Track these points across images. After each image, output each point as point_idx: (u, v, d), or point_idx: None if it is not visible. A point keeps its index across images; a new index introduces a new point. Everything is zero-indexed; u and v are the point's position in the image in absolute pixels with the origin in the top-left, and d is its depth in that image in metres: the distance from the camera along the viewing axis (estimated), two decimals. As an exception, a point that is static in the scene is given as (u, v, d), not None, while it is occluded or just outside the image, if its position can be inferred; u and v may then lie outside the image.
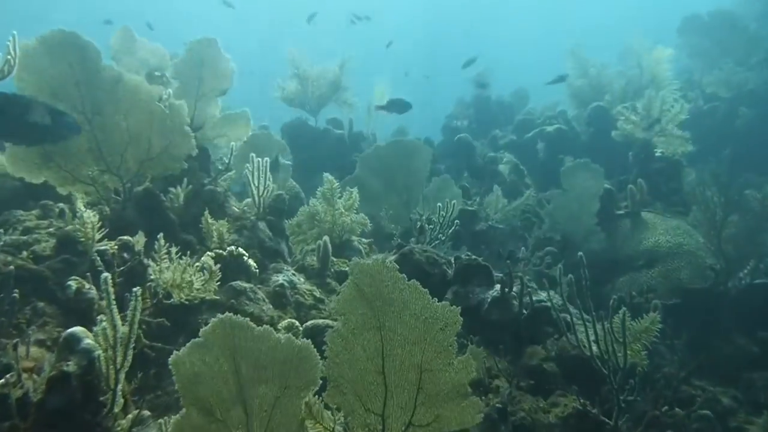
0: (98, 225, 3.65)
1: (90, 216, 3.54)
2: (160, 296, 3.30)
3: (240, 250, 4.59)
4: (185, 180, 4.88)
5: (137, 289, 2.51)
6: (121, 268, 3.38)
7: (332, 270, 5.43)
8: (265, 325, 2.63)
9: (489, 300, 4.59)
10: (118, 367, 2.43)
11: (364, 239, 6.38)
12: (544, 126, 11.66)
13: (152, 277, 3.28)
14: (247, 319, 2.62)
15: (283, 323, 4.44)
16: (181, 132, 4.87)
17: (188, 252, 4.70)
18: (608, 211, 8.08)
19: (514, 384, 4.16)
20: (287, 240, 5.52)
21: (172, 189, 4.80)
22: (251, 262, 4.62)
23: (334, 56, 10.67)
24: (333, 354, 2.59)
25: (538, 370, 4.43)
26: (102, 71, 4.65)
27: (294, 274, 5.00)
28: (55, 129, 4.32)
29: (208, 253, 4.48)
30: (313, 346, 2.63)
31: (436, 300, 2.65)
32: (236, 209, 5.21)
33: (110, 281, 2.46)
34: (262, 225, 5.15)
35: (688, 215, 7.88)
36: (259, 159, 5.14)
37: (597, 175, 7.86)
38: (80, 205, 3.67)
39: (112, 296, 2.45)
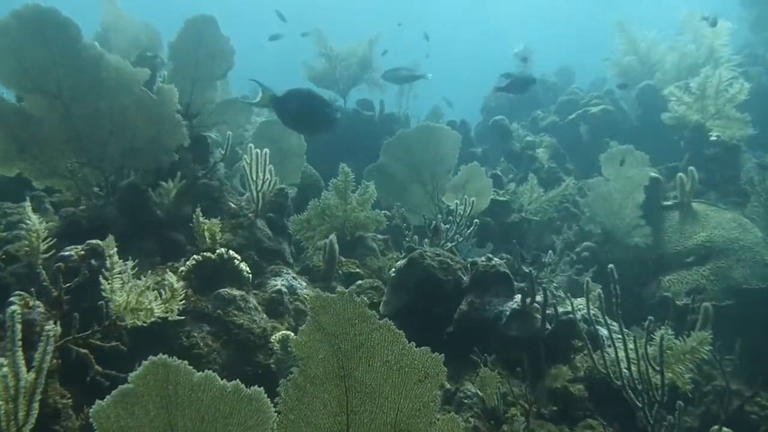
0: (44, 235, 3.21)
1: (35, 223, 3.11)
2: (113, 318, 2.85)
3: (231, 252, 4.13)
4: (179, 174, 4.42)
5: (50, 329, 2.05)
6: (68, 285, 2.93)
7: (340, 272, 4.95)
8: (207, 371, 2.16)
9: (508, 312, 4.03)
10: (20, 424, 1.99)
11: (379, 235, 5.87)
12: (589, 107, 10.87)
13: (104, 295, 2.83)
14: (185, 362, 2.14)
15: (277, 336, 3.98)
16: (170, 120, 4.41)
17: (176, 253, 4.33)
18: (654, 202, 7.38)
19: (532, 412, 3.62)
20: (290, 239, 5.05)
21: (163, 183, 4.35)
22: (243, 266, 4.16)
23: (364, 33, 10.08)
24: (287, 408, 2.09)
25: (562, 393, 3.88)
26: (83, 51, 4.21)
27: (294, 278, 4.52)
28: (331, 118, 4.46)
29: (194, 256, 4.04)
30: (266, 395, 2.15)
31: (414, 345, 2.12)
32: (233, 205, 4.75)
33: (18, 316, 2.01)
34: (260, 223, 4.68)
35: (746, 207, 7.14)
36: (257, 150, 4.65)
37: (642, 163, 7.15)
38: (29, 210, 3.24)
39: (18, 335, 2.00)
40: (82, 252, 3.51)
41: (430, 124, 6.82)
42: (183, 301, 3.11)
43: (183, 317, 3.15)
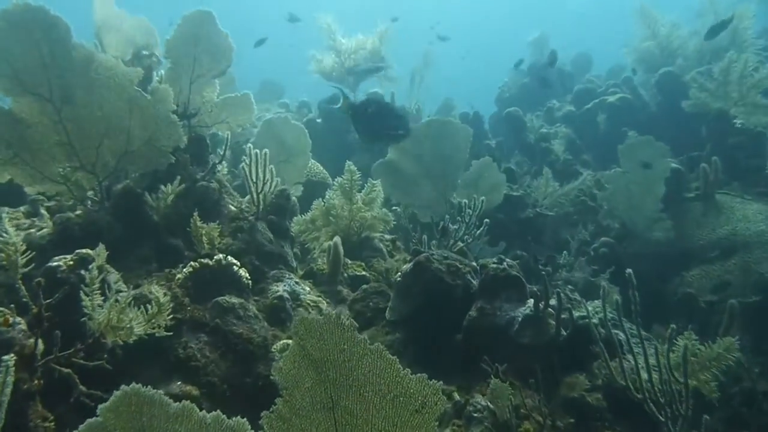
0: (23, 248, 3.05)
1: (12, 236, 2.94)
2: (97, 336, 2.69)
3: (229, 258, 3.96)
4: (178, 178, 4.25)
5: (8, 358, 1.88)
6: (48, 301, 2.77)
7: (345, 275, 4.76)
8: (185, 402, 1.98)
9: (520, 319, 3.81)
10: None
11: (387, 235, 5.67)
12: (606, 96, 10.55)
13: (86, 311, 2.66)
14: (160, 392, 1.97)
15: (278, 345, 3.81)
16: (166, 121, 4.24)
17: (174, 259, 4.17)
18: (676, 195, 7.10)
19: (547, 426, 3.42)
20: (292, 242, 4.87)
21: (162, 187, 4.19)
22: (243, 272, 3.99)
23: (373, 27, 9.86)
24: (271, 443, 1.91)
25: (579, 404, 3.66)
26: (73, 51, 4.04)
27: (297, 283, 4.35)
28: (403, 126, 4.50)
29: (191, 263, 3.87)
30: (249, 426, 1.97)
31: (409, 374, 1.92)
32: (233, 207, 4.58)
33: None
34: (261, 226, 4.50)
35: (772, 197, 6.85)
36: (257, 150, 4.46)
37: (662, 154, 6.86)
38: (5, 223, 3.08)
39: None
40: (71, 262, 3.35)
41: (440, 118, 6.59)
42: (171, 316, 2.93)
43: (170, 333, 2.96)
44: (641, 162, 6.70)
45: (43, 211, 4.29)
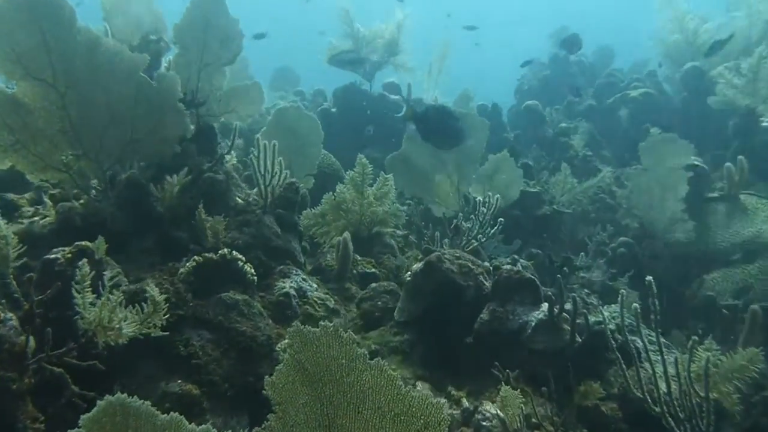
0: (15, 241, 2.93)
1: (3, 229, 2.83)
2: (90, 335, 2.57)
3: (234, 253, 3.84)
4: (185, 169, 4.13)
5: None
6: (40, 297, 2.66)
7: (354, 272, 4.63)
8: (173, 413, 1.85)
9: (533, 323, 3.66)
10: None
11: (399, 231, 5.52)
12: (629, 90, 10.29)
13: (78, 309, 2.55)
14: (147, 403, 1.84)
15: (283, 344, 3.68)
16: (172, 109, 4.12)
17: (178, 252, 4.05)
18: (699, 195, 6.89)
19: (559, 436, 3.27)
20: (300, 237, 4.73)
21: (168, 177, 4.07)
22: (248, 267, 3.86)
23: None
24: (262, 461, 1.79)
25: (593, 413, 3.51)
26: (77, 35, 3.92)
27: (304, 279, 4.22)
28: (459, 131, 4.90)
29: (195, 257, 3.75)
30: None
31: (411, 391, 1.77)
32: (240, 200, 4.45)
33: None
34: (269, 220, 4.37)
35: (801, 199, 6.63)
36: (266, 141, 4.33)
37: (685, 152, 6.64)
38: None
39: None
40: (69, 255, 3.24)
41: (455, 110, 6.39)
42: (172, 312, 2.81)
43: (167, 333, 2.83)
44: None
45: (46, 199, 4.18)
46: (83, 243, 3.33)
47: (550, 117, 10.28)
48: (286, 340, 1.81)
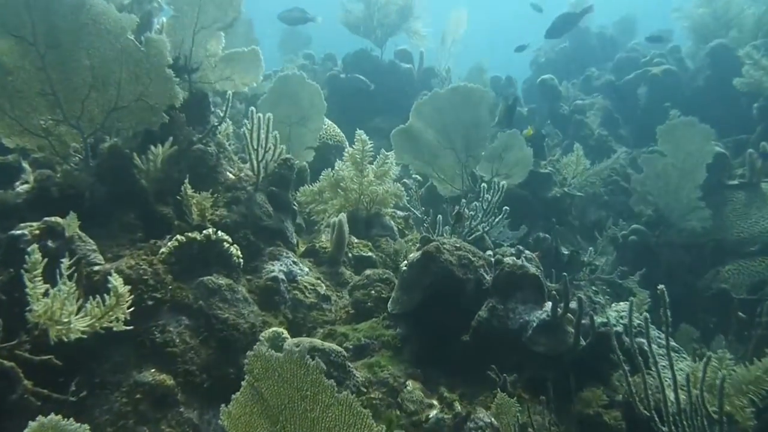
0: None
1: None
2: (40, 329, 2.35)
3: (220, 233, 3.60)
4: (170, 139, 3.87)
5: None
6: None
7: (350, 255, 4.39)
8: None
9: (535, 323, 3.42)
10: None
11: (399, 212, 5.26)
12: (650, 66, 9.87)
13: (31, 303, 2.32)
14: (85, 426, 1.62)
15: (267, 333, 3.49)
16: (160, 75, 3.83)
17: (162, 228, 3.82)
18: (717, 181, 6.59)
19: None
20: (294, 216, 4.48)
21: (151, 147, 3.81)
22: (234, 249, 3.63)
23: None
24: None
25: (594, 422, 3.29)
26: (61, -8, 3.64)
27: (295, 263, 3.99)
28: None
29: (177, 237, 3.52)
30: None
31: (384, 428, 1.54)
32: (231, 175, 4.19)
33: None
34: (260, 198, 4.11)
35: (825, 188, 6.38)
36: (260, 114, 4.05)
37: (705, 137, 6.32)
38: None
39: None
40: (37, 231, 3.02)
41: (466, 84, 6.08)
42: (132, 308, 2.58)
43: (130, 327, 2.61)
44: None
45: (25, 164, 3.94)
46: (53, 219, 3.10)
47: (566, 92, 9.91)
48: (247, 363, 1.58)
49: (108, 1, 3.78)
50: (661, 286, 2.89)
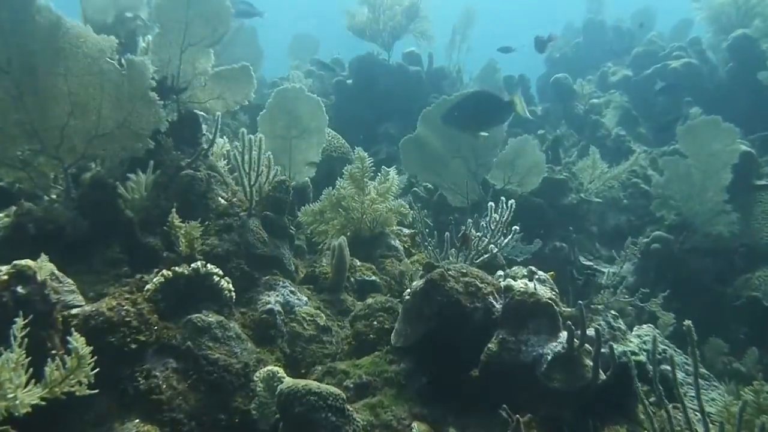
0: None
1: None
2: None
3: (209, 267, 3.38)
4: (151, 163, 3.66)
5: None
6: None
7: (352, 279, 4.15)
8: None
9: (550, 357, 3.14)
10: None
11: (405, 229, 5.01)
12: (669, 60, 9.50)
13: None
14: None
15: (261, 373, 3.25)
16: (143, 99, 3.62)
17: (150, 261, 3.60)
18: (744, 182, 6.26)
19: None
20: (291, 242, 4.24)
21: (131, 176, 3.60)
22: (225, 283, 3.41)
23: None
24: None
25: (617, 465, 3.02)
26: (36, 15, 3.44)
27: (293, 292, 3.75)
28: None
29: (163, 272, 3.30)
30: None
31: None
32: (223, 201, 3.96)
33: None
34: (254, 224, 3.88)
35: None
36: (251, 135, 3.82)
37: (730, 136, 5.99)
38: None
39: None
40: (6, 276, 2.81)
41: (475, 90, 5.81)
42: (96, 369, 2.35)
43: (95, 391, 2.38)
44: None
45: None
46: (23, 262, 2.88)
47: (581, 89, 9.57)
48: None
49: (88, 22, 3.59)
50: (687, 322, 2.60)
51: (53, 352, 2.40)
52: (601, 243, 6.67)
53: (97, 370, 2.38)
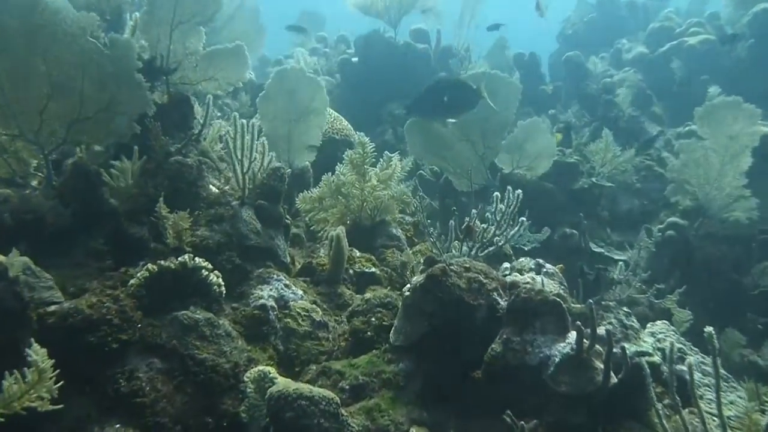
0: None
1: None
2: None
3: (197, 260, 3.19)
4: (135, 149, 3.46)
5: None
6: None
7: (351, 271, 3.96)
8: None
9: (557, 359, 2.94)
10: None
11: (407, 217, 4.80)
12: (686, 37, 9.15)
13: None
14: None
15: (252, 373, 3.07)
16: (128, 81, 3.41)
17: (136, 253, 3.42)
18: (764, 167, 5.99)
19: None
20: (286, 232, 4.04)
21: (115, 163, 3.40)
22: (214, 278, 3.22)
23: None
24: None
25: (628, 474, 2.84)
26: (12, -9, 3.22)
27: (287, 286, 3.56)
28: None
29: (148, 266, 3.11)
30: None
31: None
32: (215, 189, 3.76)
33: None
34: (246, 214, 3.67)
35: None
36: (243, 121, 3.60)
37: (751, 118, 5.71)
38: None
39: None
40: (-22, 273, 2.63)
41: (484, 71, 5.56)
42: (59, 383, 2.17)
43: (60, 406, 2.21)
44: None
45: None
46: (-6, 257, 2.71)
47: (594, 67, 9.25)
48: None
49: (69, -3, 3.36)
50: (708, 329, 2.39)
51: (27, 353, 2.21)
52: (612, 228, 6.43)
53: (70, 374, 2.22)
